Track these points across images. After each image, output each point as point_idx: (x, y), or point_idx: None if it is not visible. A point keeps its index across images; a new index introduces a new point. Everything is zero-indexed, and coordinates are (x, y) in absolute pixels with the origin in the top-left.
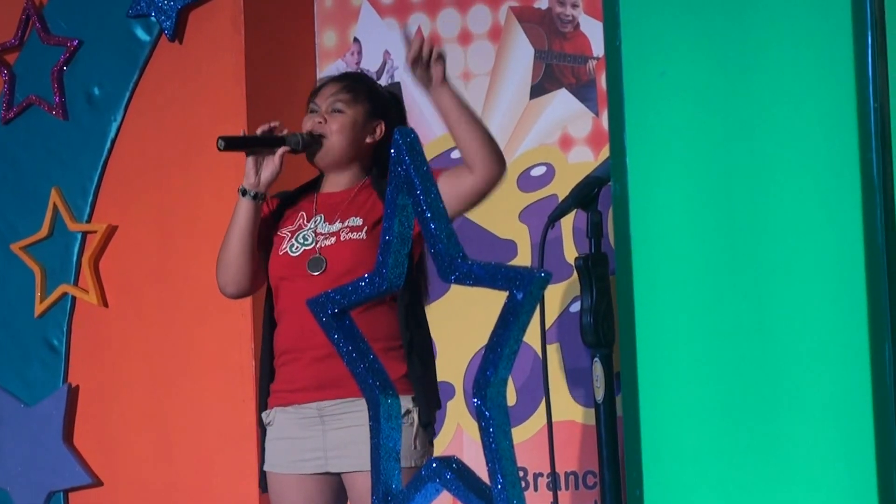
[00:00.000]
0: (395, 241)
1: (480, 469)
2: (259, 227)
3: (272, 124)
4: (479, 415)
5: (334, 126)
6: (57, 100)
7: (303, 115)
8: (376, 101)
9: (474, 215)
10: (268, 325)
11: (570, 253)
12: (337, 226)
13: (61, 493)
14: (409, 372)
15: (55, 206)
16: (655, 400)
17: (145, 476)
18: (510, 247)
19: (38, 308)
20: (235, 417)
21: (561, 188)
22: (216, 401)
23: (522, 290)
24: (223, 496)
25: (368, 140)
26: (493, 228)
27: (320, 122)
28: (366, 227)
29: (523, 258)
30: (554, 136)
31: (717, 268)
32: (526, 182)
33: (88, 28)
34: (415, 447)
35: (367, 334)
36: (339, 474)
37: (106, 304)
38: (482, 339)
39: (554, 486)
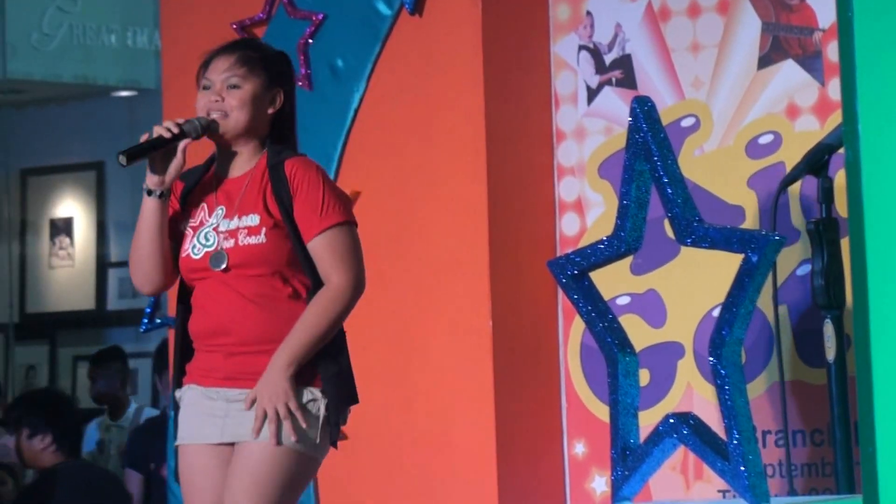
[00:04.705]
0: (632, 206)
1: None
2: (169, 222)
3: (167, 125)
4: (714, 373)
5: (234, 102)
6: (303, 71)
7: (534, 84)
8: (272, 69)
9: (705, 182)
10: (181, 307)
11: (797, 218)
12: (235, 223)
13: None
14: (320, 369)
15: None
16: (888, 360)
17: (388, 428)
18: (739, 212)
19: None
20: (473, 374)
21: (787, 156)
22: (454, 359)
23: (757, 252)
24: (462, 448)
25: (269, 111)
26: (722, 194)
27: (217, 101)
28: (263, 229)
29: (751, 223)
30: (780, 106)
31: None
32: (754, 149)
33: (332, 2)
34: (317, 439)
35: (273, 334)
36: (232, 444)
37: None
38: (711, 300)
39: (787, 442)
